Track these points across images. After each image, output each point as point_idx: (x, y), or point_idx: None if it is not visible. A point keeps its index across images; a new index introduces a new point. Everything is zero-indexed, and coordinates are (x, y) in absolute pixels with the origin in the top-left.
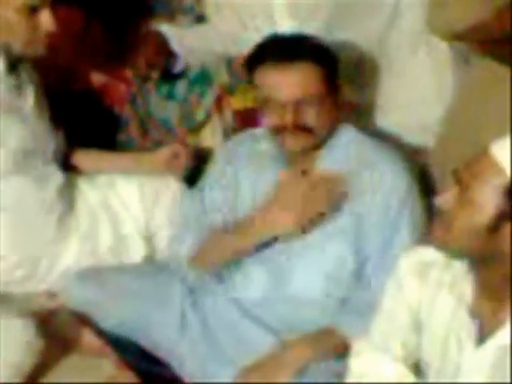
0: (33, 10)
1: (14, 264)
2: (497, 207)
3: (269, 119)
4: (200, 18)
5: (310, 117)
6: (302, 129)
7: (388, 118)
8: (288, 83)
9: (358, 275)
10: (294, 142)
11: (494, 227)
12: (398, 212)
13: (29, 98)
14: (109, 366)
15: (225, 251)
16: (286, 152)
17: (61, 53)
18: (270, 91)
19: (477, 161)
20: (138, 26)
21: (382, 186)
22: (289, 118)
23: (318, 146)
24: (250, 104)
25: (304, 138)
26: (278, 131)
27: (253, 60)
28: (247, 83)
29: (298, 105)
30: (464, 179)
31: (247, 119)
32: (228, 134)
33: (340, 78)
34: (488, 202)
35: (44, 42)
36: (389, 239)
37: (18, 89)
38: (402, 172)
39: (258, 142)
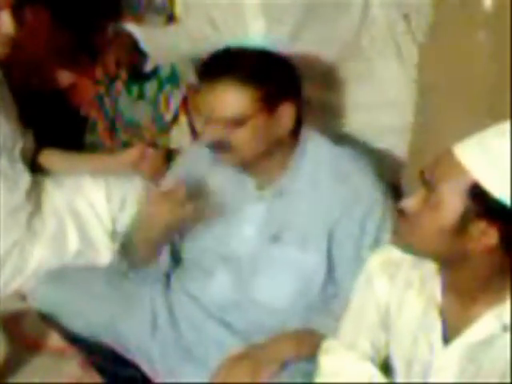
0: None
1: None
2: (461, 207)
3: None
4: (171, 18)
5: (234, 137)
6: (221, 147)
7: (357, 119)
8: (212, 101)
9: (328, 281)
10: (221, 159)
11: (460, 228)
12: (368, 222)
13: None
14: (74, 367)
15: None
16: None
17: (27, 53)
18: (200, 107)
19: (441, 162)
20: (107, 26)
21: (356, 200)
22: (210, 137)
23: (279, 159)
24: None
25: (226, 156)
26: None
27: (198, 75)
28: None
29: (219, 123)
30: (429, 180)
31: None
32: (196, 134)
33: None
34: (453, 202)
35: (4, 44)
36: (359, 245)
37: None
38: (376, 185)
39: None
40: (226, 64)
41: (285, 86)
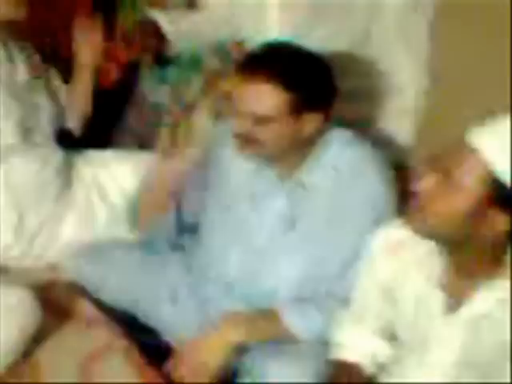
0: None
1: (8, 244)
2: (478, 194)
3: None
4: (193, 4)
5: (262, 133)
6: (249, 140)
7: (366, 104)
8: (244, 95)
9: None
10: (241, 150)
11: (475, 213)
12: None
13: (20, 72)
14: (104, 333)
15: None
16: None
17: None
18: (235, 100)
19: (457, 148)
20: (131, 11)
21: (372, 206)
22: (237, 129)
23: (302, 152)
24: None
25: (250, 148)
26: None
27: (238, 67)
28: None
29: (247, 117)
30: (445, 166)
31: None
32: (218, 119)
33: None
34: (469, 188)
35: (24, 3)
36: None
37: (9, 62)
38: (391, 190)
39: None
40: (267, 62)
41: (317, 97)
